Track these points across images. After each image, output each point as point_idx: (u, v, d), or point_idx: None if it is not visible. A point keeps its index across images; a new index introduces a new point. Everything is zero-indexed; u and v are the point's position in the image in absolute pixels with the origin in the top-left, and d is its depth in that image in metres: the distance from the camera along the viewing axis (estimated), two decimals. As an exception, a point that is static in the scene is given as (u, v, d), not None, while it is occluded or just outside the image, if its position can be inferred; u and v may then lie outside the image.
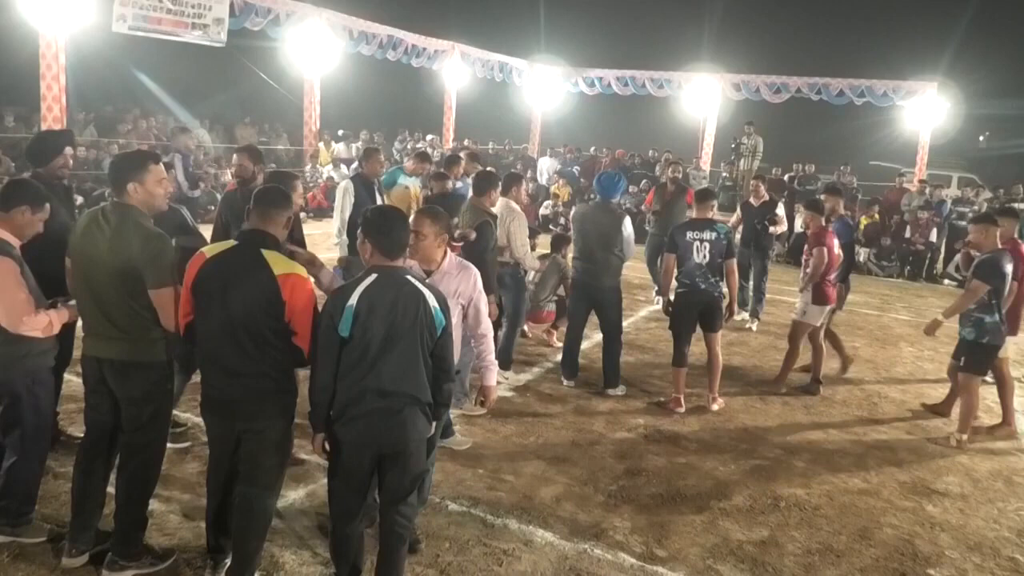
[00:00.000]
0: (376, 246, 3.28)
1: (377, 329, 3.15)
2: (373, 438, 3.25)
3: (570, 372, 6.79)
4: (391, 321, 3.16)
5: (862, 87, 19.50)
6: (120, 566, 3.56)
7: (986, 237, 6.01)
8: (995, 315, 5.89)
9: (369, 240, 3.29)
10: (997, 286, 5.85)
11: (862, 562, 4.25)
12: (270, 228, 3.38)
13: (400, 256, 3.35)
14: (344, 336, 3.14)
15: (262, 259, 3.26)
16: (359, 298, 3.14)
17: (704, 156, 21.44)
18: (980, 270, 5.88)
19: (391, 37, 18.17)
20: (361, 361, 3.16)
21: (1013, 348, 6.98)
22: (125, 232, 3.39)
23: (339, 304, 3.15)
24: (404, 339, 3.20)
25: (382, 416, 3.22)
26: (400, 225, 3.37)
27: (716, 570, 4.06)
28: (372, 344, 3.15)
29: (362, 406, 3.19)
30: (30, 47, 12.90)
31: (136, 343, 3.48)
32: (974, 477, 5.47)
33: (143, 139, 16.46)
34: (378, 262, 3.28)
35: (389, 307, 3.17)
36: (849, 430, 6.22)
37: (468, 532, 4.20)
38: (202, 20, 13.64)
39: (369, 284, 3.18)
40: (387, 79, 24.05)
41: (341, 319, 3.13)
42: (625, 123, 27.81)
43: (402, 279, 3.26)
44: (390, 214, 3.43)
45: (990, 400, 6.91)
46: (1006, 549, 4.51)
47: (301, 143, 19.03)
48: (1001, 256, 5.92)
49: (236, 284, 3.24)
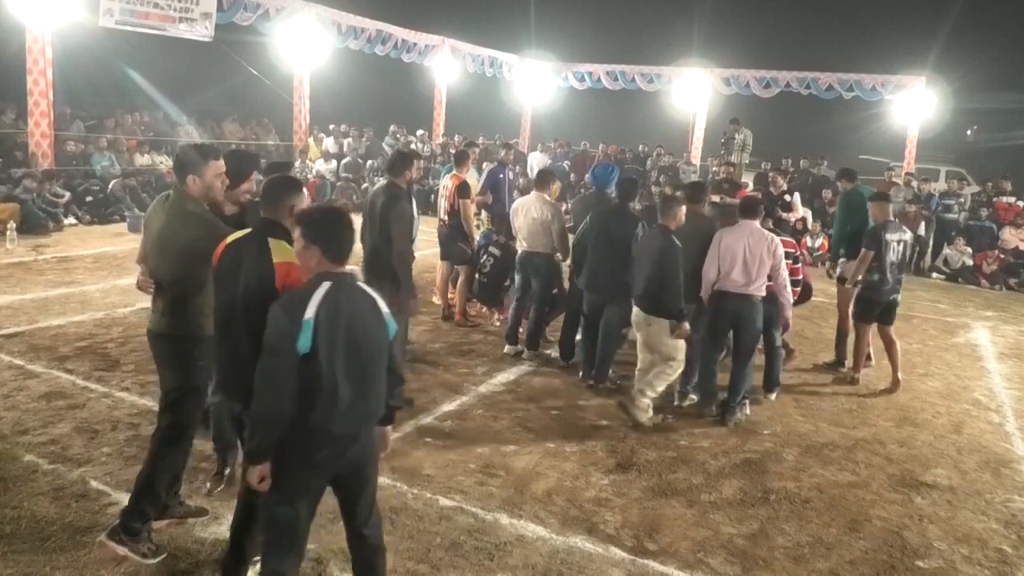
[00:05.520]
0: (324, 252, 3.01)
1: (342, 342, 2.94)
2: (339, 457, 3.05)
3: (567, 354, 7.16)
4: (355, 332, 2.98)
5: (851, 81, 19.58)
6: (119, 539, 3.67)
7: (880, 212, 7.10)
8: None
9: (315, 245, 3.01)
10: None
11: (851, 554, 4.27)
12: (277, 216, 3.44)
13: (346, 262, 3.07)
14: (305, 352, 2.88)
15: (266, 246, 3.32)
16: (317, 310, 2.89)
17: (694, 150, 21.48)
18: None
19: (380, 32, 18.12)
20: (329, 378, 2.93)
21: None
22: (175, 216, 3.68)
23: (294, 317, 2.87)
24: (369, 350, 3.04)
25: (350, 435, 3.05)
26: (347, 227, 3.09)
27: (707, 563, 4.07)
28: (338, 358, 2.94)
29: (335, 425, 2.98)
30: (17, 42, 12.82)
31: (172, 316, 3.70)
32: (962, 469, 5.51)
33: (130, 135, 16.37)
34: (326, 268, 3.00)
35: (350, 318, 2.97)
36: (838, 423, 6.25)
37: (459, 527, 4.20)
38: (190, 14, 13.57)
39: (325, 294, 2.92)
40: (377, 74, 23.97)
41: (299, 334, 2.86)
42: (615, 118, 27.84)
43: (356, 286, 3.08)
44: (335, 216, 3.15)
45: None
46: (994, 540, 4.54)
47: (290, 138, 18.96)
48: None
49: (242, 270, 3.32)
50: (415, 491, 4.55)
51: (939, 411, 6.69)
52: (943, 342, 9.19)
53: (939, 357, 8.48)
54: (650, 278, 5.72)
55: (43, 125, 13.04)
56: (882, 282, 6.93)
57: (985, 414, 6.71)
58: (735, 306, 5.96)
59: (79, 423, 5.14)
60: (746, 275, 5.91)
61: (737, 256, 5.90)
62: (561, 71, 23.16)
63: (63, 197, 12.76)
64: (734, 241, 5.94)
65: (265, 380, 2.92)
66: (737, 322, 6.00)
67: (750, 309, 5.99)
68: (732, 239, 5.95)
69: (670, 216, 5.82)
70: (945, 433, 6.19)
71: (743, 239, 5.92)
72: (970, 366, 8.23)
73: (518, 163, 18.92)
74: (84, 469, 4.52)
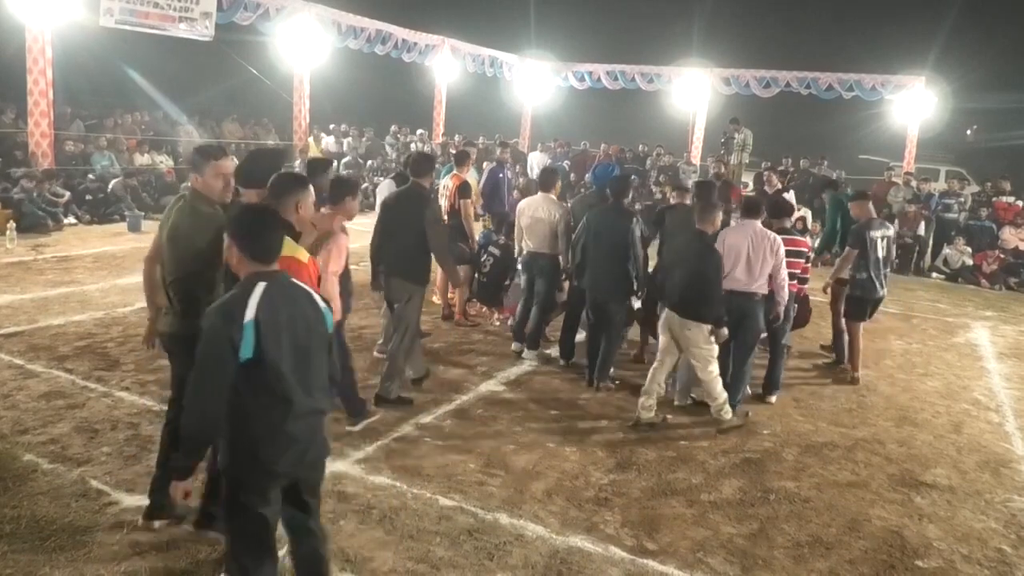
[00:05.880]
0: (242, 250, 2.92)
1: (287, 343, 2.85)
2: (300, 461, 2.97)
3: (567, 353, 7.20)
4: (297, 330, 2.91)
5: (851, 81, 19.58)
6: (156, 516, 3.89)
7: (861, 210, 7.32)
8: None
9: (235, 243, 2.94)
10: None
11: (851, 554, 4.27)
12: (282, 212, 3.47)
13: (275, 261, 2.98)
14: (248, 357, 2.75)
15: None
16: (257, 311, 2.78)
17: (694, 150, 21.48)
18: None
19: (380, 31, 18.13)
20: (279, 379, 2.83)
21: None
22: (186, 215, 3.76)
23: (233, 322, 2.75)
24: (312, 348, 2.97)
25: (308, 437, 2.98)
26: (268, 227, 3.00)
27: (706, 563, 4.07)
28: (284, 361, 2.85)
29: (293, 427, 2.89)
30: (16, 41, 12.82)
31: (184, 317, 3.71)
32: (962, 469, 5.51)
33: (130, 134, 16.37)
34: (255, 269, 2.91)
35: (291, 315, 2.89)
36: (838, 423, 6.25)
37: (459, 526, 4.20)
38: (189, 14, 13.58)
39: (263, 295, 2.82)
40: (377, 74, 23.97)
41: (241, 339, 2.74)
42: (615, 117, 27.80)
43: (291, 284, 3.00)
44: (255, 215, 3.11)
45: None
46: (993, 540, 4.54)
47: (290, 138, 18.95)
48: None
49: None
50: (415, 491, 4.55)
51: (939, 411, 6.69)
52: (943, 342, 9.20)
53: (939, 357, 8.48)
54: (689, 283, 5.71)
55: (43, 125, 13.04)
56: (870, 280, 7.07)
57: (985, 414, 6.71)
58: (738, 304, 5.99)
59: (79, 423, 5.14)
60: (749, 274, 5.98)
61: (741, 255, 5.97)
62: (561, 71, 23.16)
63: (63, 197, 12.75)
64: (738, 240, 6.00)
65: (198, 394, 2.77)
66: (741, 319, 6.04)
67: (753, 307, 6.05)
68: (736, 238, 6.03)
69: (708, 221, 5.87)
70: (945, 433, 6.19)
71: (746, 239, 5.99)
72: (970, 366, 8.22)
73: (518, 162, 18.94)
74: (84, 469, 4.53)
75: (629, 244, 6.33)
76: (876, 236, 7.07)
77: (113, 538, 3.84)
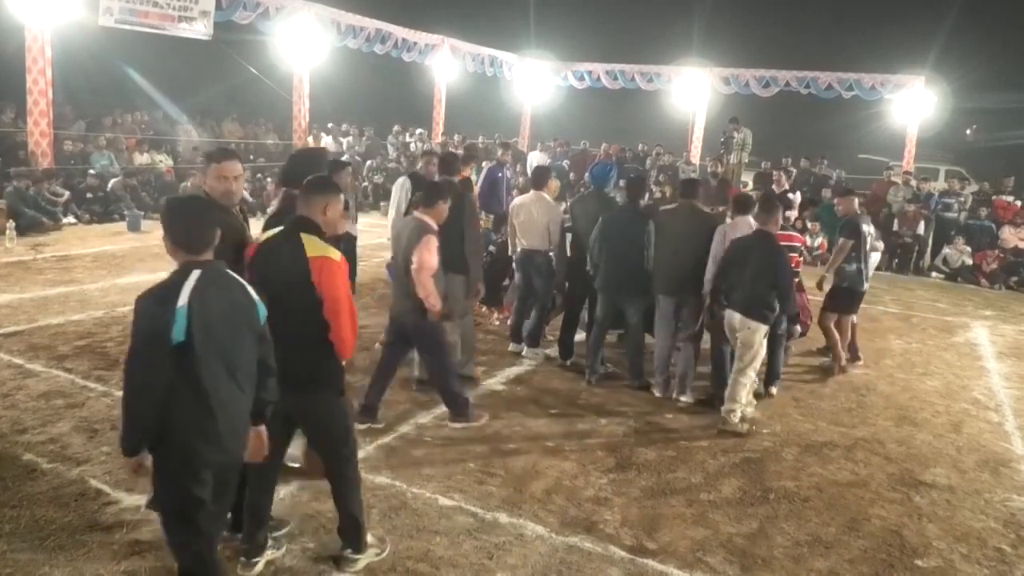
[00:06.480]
0: (171, 240, 2.95)
1: (220, 331, 2.89)
2: (232, 450, 3.01)
3: (567, 353, 7.19)
4: (233, 321, 2.95)
5: (850, 81, 19.59)
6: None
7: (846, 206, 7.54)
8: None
9: (167, 235, 2.97)
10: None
11: (851, 553, 4.27)
12: (311, 213, 3.57)
13: (208, 249, 3.00)
14: (180, 341, 2.78)
15: (300, 241, 3.46)
16: (190, 298, 2.81)
17: (694, 150, 21.47)
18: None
19: (380, 31, 18.13)
20: (205, 370, 2.86)
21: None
22: None
23: (166, 307, 2.79)
24: (243, 338, 3.00)
25: (241, 426, 3.04)
26: (196, 218, 3.04)
27: (706, 562, 4.07)
28: (217, 347, 2.88)
29: (218, 419, 2.91)
30: (16, 41, 12.81)
31: None
32: (961, 468, 5.51)
33: (129, 134, 16.36)
34: (187, 258, 2.93)
35: (224, 305, 2.93)
36: (838, 422, 6.25)
37: (459, 526, 4.20)
38: (188, 13, 13.58)
39: (197, 282, 2.85)
40: (377, 73, 23.99)
41: (173, 323, 2.77)
42: (614, 117, 27.82)
43: (225, 273, 3.03)
44: (189, 205, 3.16)
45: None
46: (993, 539, 4.54)
47: (290, 137, 18.95)
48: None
49: (276, 265, 3.47)
50: (414, 490, 4.55)
51: (938, 410, 6.70)
52: (942, 341, 9.20)
53: (938, 356, 8.48)
54: (756, 283, 5.74)
55: (42, 124, 13.04)
56: (859, 272, 7.23)
57: (984, 413, 6.71)
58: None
59: (78, 422, 5.14)
60: None
61: None
62: (561, 70, 23.16)
63: (62, 196, 12.75)
64: (739, 235, 6.19)
65: (135, 373, 2.84)
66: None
67: None
68: (737, 235, 6.15)
69: (772, 221, 5.97)
70: (944, 432, 6.19)
71: (744, 234, 6.14)
72: (969, 365, 8.22)
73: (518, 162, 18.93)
74: (83, 468, 4.52)
75: (644, 246, 6.38)
76: (865, 230, 7.29)
77: (113, 537, 3.84)
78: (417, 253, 4.99)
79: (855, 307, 7.48)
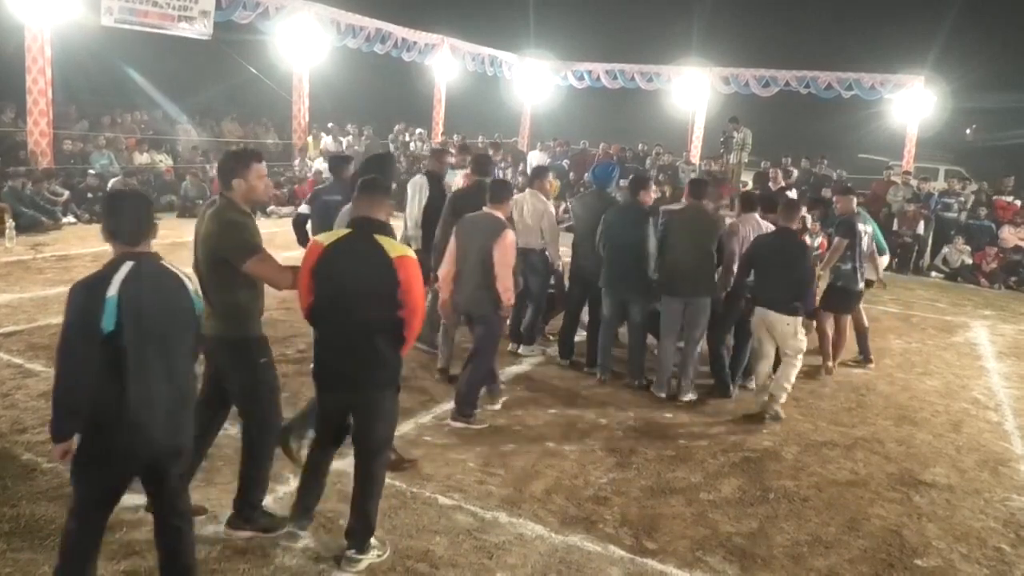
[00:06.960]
0: (106, 230, 3.00)
1: (150, 323, 2.91)
2: (155, 443, 3.00)
3: (567, 352, 7.20)
4: (163, 312, 2.96)
5: (850, 80, 19.59)
6: (239, 525, 3.90)
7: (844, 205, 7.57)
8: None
9: (103, 226, 3.02)
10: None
11: (850, 553, 4.28)
12: (378, 215, 3.67)
13: (145, 241, 3.02)
14: (109, 330, 2.81)
15: (377, 243, 3.55)
16: (120, 288, 2.84)
17: (693, 149, 21.47)
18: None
19: (380, 30, 18.13)
20: (139, 359, 2.88)
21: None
22: (215, 221, 3.72)
23: (96, 296, 2.82)
24: (179, 330, 3.02)
25: (169, 417, 3.01)
26: (134, 208, 3.06)
27: (705, 562, 4.07)
28: (147, 339, 2.90)
29: (147, 410, 2.92)
30: (16, 40, 12.81)
31: (224, 319, 3.73)
32: (961, 468, 5.51)
33: (129, 133, 16.36)
34: (123, 250, 2.97)
35: (156, 296, 2.95)
36: (837, 422, 6.26)
37: (458, 526, 4.20)
38: (188, 13, 13.58)
39: (128, 273, 2.88)
40: (377, 73, 23.97)
41: (103, 313, 2.80)
42: (614, 117, 27.80)
43: (160, 265, 3.03)
44: (125, 197, 3.22)
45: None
46: (992, 539, 4.54)
47: (289, 137, 18.96)
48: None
49: (356, 267, 3.55)
50: (414, 490, 4.54)
51: (938, 410, 6.70)
52: (942, 341, 9.20)
53: (938, 356, 8.48)
54: (784, 279, 5.94)
55: (42, 124, 13.04)
56: (854, 271, 7.26)
57: (984, 413, 6.71)
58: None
59: (78, 422, 5.13)
60: None
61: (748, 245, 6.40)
62: (560, 70, 23.15)
63: (62, 195, 12.74)
64: (747, 232, 6.45)
65: (65, 359, 2.85)
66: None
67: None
68: (746, 231, 6.45)
69: (793, 219, 6.22)
70: (944, 432, 6.19)
71: (752, 230, 6.45)
72: (969, 365, 8.23)
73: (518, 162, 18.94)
74: (83, 468, 4.51)
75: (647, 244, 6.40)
76: (861, 229, 7.29)
77: (112, 537, 3.82)
78: (499, 248, 5.24)
79: (851, 307, 7.45)
